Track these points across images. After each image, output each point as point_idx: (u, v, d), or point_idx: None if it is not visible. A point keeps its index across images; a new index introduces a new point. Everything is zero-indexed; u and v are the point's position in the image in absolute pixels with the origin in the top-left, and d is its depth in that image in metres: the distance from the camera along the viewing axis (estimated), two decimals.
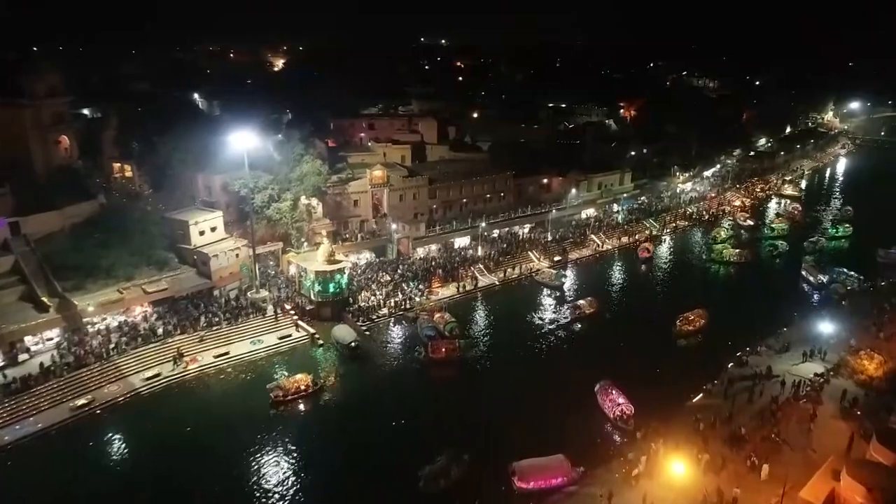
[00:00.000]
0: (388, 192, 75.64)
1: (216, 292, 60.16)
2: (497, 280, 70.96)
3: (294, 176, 66.38)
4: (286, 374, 50.70)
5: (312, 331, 57.51)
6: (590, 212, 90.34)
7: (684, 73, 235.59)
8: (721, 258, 78.18)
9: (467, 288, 68.06)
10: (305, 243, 66.82)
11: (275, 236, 66.82)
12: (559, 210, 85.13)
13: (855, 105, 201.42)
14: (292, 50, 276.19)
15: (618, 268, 78.47)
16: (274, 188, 64.14)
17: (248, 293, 61.18)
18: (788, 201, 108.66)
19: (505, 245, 78.23)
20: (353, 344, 54.57)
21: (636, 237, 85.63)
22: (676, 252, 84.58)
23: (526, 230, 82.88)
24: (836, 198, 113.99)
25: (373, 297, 63.45)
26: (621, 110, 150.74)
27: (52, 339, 50.61)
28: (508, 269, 72.87)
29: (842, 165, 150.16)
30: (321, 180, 68.52)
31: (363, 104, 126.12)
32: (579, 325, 60.63)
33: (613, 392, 45.68)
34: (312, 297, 60.90)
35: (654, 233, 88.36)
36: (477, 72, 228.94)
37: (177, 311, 56.64)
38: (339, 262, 62.29)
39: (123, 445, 43.01)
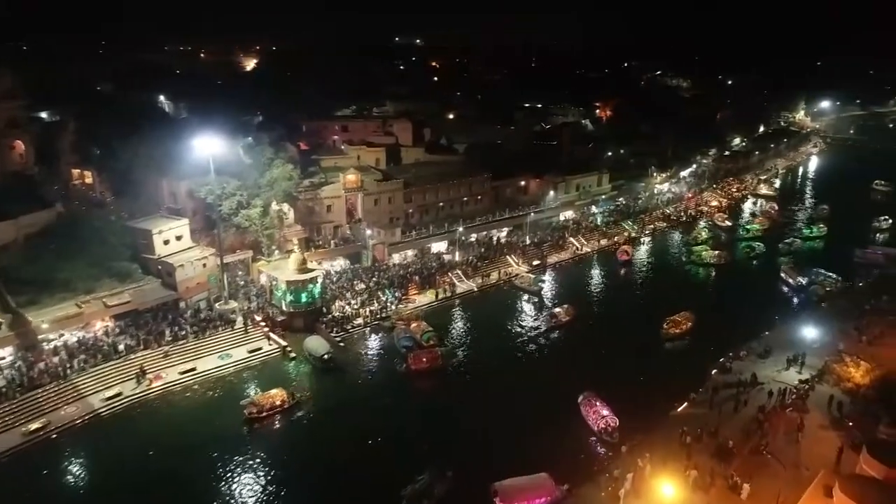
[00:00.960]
0: (363, 196, 73.52)
1: (182, 304, 57.46)
2: (475, 286, 69.30)
3: (264, 181, 63.91)
4: (258, 389, 48.56)
5: (284, 343, 55.17)
6: (568, 214, 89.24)
7: (658, 72, 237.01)
8: (700, 260, 77.60)
9: (445, 295, 66.24)
10: (276, 251, 64.40)
11: (244, 244, 64.29)
12: (537, 213, 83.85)
13: (825, 104, 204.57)
14: (265, 50, 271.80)
15: (597, 271, 77.36)
16: (242, 194, 61.59)
17: (217, 304, 58.62)
18: (764, 201, 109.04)
19: (483, 249, 76.67)
20: (326, 356, 52.42)
21: (615, 239, 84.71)
22: (655, 254, 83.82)
23: (504, 234, 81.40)
24: (810, 197, 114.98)
25: (347, 307, 61.31)
26: (597, 110, 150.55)
27: (3, 358, 47.55)
28: (487, 275, 71.27)
29: (814, 164, 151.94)
30: (292, 185, 66.14)
31: (336, 106, 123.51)
32: (556, 334, 58.99)
33: (597, 403, 44.30)
34: (284, 307, 58.50)
35: (633, 235, 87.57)
36: (452, 72, 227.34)
37: (140, 325, 53.85)
38: (312, 270, 59.98)
39: (81, 472, 40.33)
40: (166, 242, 58.33)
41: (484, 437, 42.27)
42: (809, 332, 52.44)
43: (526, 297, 68.51)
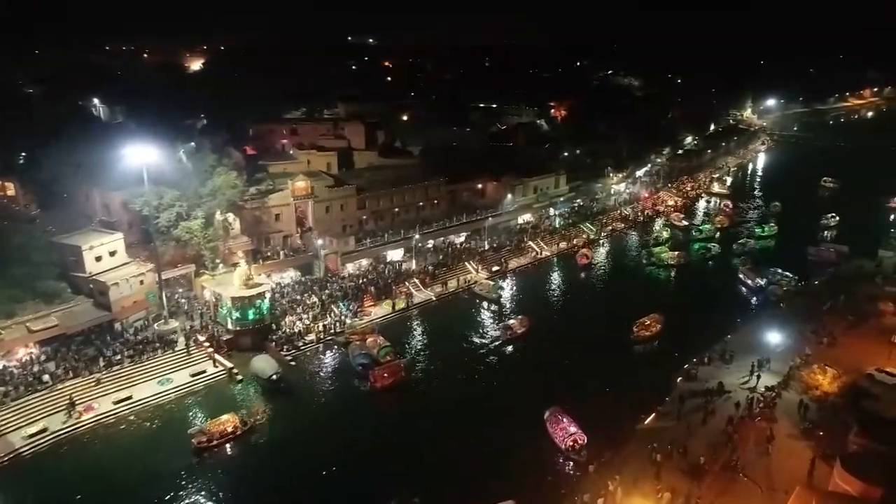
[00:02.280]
0: (313, 203, 70.07)
1: (118, 326, 53.19)
2: (433, 295, 66.80)
3: (205, 190, 60.01)
4: (204, 416, 45.27)
5: (230, 365, 51.51)
6: (526, 217, 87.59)
7: (609, 72, 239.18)
8: (660, 261, 76.95)
9: (402, 305, 63.50)
10: (221, 264, 60.43)
11: (186, 258, 60.09)
12: (495, 216, 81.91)
13: (771, 102, 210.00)
14: (213, 50, 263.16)
15: (557, 276, 75.86)
16: (182, 205, 57.50)
17: (156, 325, 54.49)
18: (718, 200, 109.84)
19: (441, 256, 74.21)
20: (274, 377, 49.10)
21: (574, 242, 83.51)
22: (615, 256, 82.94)
23: (462, 239, 79.10)
24: (761, 194, 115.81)
25: (298, 322, 57.95)
26: (552, 110, 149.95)
27: None
28: (445, 283, 68.91)
29: (763, 161, 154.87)
30: (237, 194, 62.41)
31: (286, 108, 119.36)
32: (516, 346, 56.77)
33: (564, 420, 42.47)
34: (230, 325, 54.81)
35: (592, 237, 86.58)
36: (406, 72, 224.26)
37: (69, 350, 49.38)
38: (259, 285, 56.40)
39: None
40: (98, 259, 53.89)
41: (449, 460, 40.14)
42: (772, 336, 51.89)
43: (486, 304, 66.43)
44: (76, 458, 41.16)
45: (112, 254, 55.00)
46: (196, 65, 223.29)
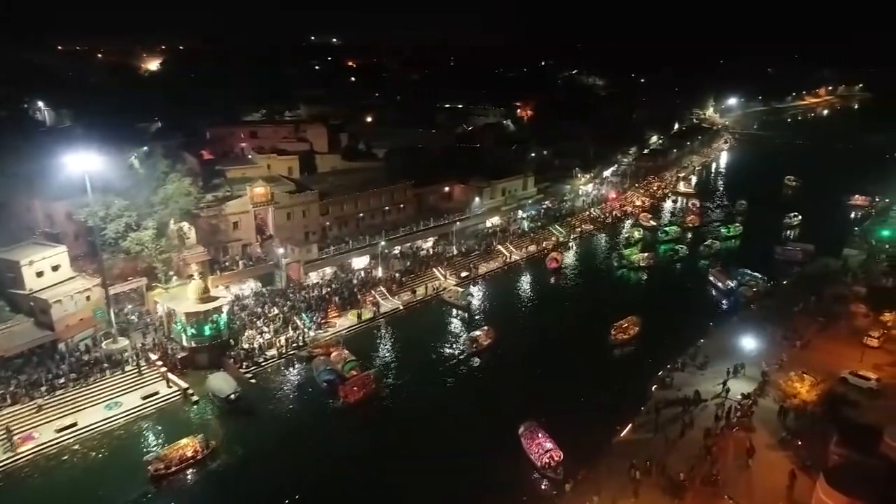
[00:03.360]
0: (274, 210, 67.10)
1: (62, 346, 49.61)
2: (401, 303, 64.57)
3: (157, 199, 56.65)
4: (158, 441, 42.57)
5: (185, 385, 48.44)
6: (495, 220, 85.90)
7: (574, 71, 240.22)
8: (631, 264, 76.06)
9: (368, 315, 61.10)
10: (175, 277, 57.19)
11: (137, 271, 56.65)
12: (463, 220, 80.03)
13: (732, 101, 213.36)
14: (172, 50, 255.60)
15: (527, 281, 74.32)
16: (131, 215, 54.10)
17: (104, 344, 51.03)
18: (685, 199, 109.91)
19: (408, 263, 71.95)
20: (232, 396, 46.30)
21: (544, 245, 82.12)
22: (585, 259, 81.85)
23: (429, 244, 76.96)
24: (725, 193, 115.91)
25: (259, 336, 55.01)
26: (518, 110, 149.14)
27: None
28: (413, 290, 66.76)
29: (726, 160, 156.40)
30: (191, 201, 59.17)
31: (245, 110, 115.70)
32: (482, 358, 54.52)
33: (540, 435, 40.79)
34: (184, 342, 51.68)
35: (562, 239, 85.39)
36: (370, 72, 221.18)
37: (7, 374, 45.70)
38: (216, 298, 53.36)
39: None
40: (39, 274, 50.27)
41: (422, 480, 37.93)
42: (745, 340, 51.07)
43: (455, 312, 64.51)
44: (13, 495, 37.80)
45: (55, 268, 51.35)
46: (153, 65, 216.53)
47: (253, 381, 50.58)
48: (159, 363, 50.18)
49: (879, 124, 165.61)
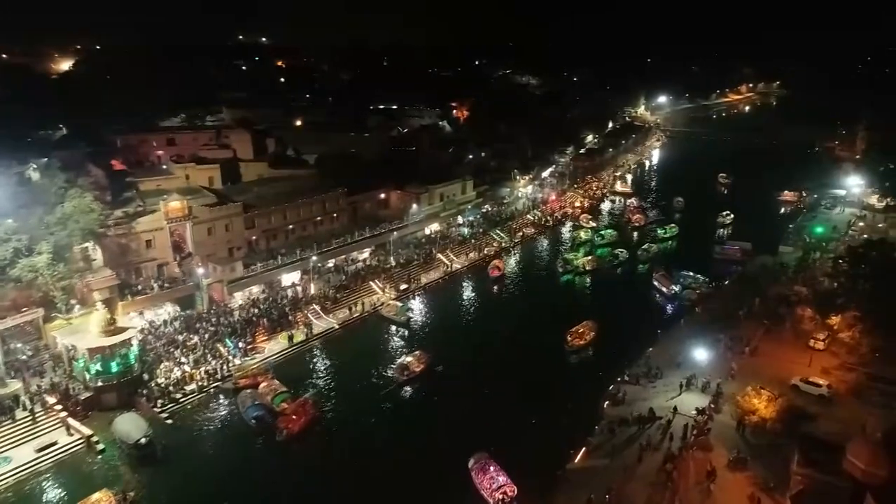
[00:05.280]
0: (192, 225, 61.27)
1: None
2: (336, 322, 60.18)
3: (53, 218, 50.19)
4: (64, 501, 37.20)
5: (88, 431, 42.57)
6: (434, 227, 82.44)
7: (507, 70, 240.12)
8: (575, 268, 74.12)
9: (300, 338, 56.44)
10: (78, 306, 50.80)
11: (31, 301, 49.87)
12: (401, 229, 76.08)
13: (662, 99, 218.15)
14: (86, 50, 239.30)
15: (470, 290, 71.22)
16: (21, 238, 47.54)
17: None
18: (622, 199, 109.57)
19: (343, 277, 67.48)
20: (142, 440, 40.91)
21: (486, 251, 79.23)
22: (528, 265, 79.63)
23: (365, 255, 72.68)
24: (661, 192, 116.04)
25: (177, 369, 49.45)
26: (454, 111, 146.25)
27: None
28: (349, 307, 62.49)
29: (660, 157, 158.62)
30: (94, 220, 52.82)
31: (163, 114, 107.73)
32: (427, 379, 50.81)
33: (491, 468, 37.74)
34: (89, 380, 45.70)
35: (504, 245, 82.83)
36: (300, 73, 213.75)
37: None
38: (124, 329, 47.56)
39: None
40: None
41: None
42: (693, 348, 49.52)
43: (395, 329, 60.67)
44: None
45: None
46: (65, 66, 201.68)
47: (169, 421, 45.19)
48: (58, 407, 44.02)
49: (798, 120, 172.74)
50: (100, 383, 45.59)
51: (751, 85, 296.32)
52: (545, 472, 38.75)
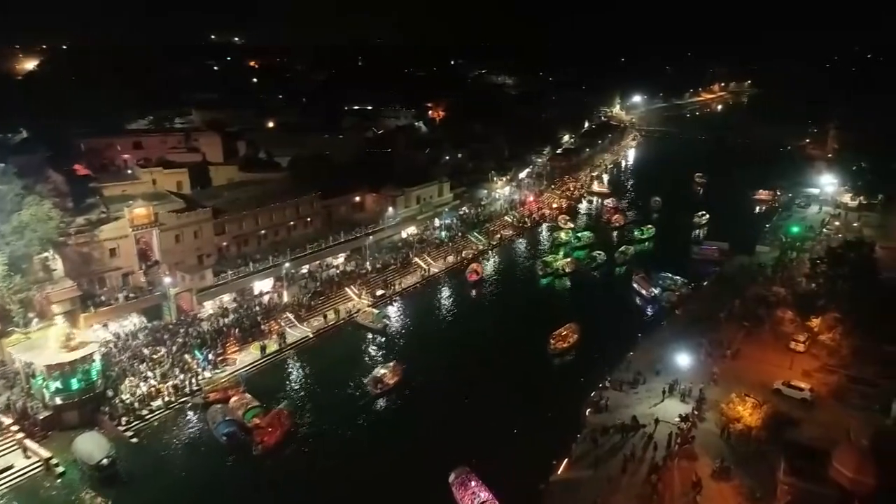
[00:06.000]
0: (159, 232, 58.96)
1: None
2: (311, 331, 58.39)
3: (8, 228, 47.71)
4: None
5: (47, 454, 40.31)
6: (410, 230, 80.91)
7: (483, 70, 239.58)
8: (555, 271, 73.22)
9: (274, 348, 54.59)
10: (36, 319, 48.28)
11: None
12: (376, 233, 74.47)
13: (636, 98, 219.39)
14: (54, 50, 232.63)
15: (448, 295, 69.85)
16: None
17: None
18: (599, 199, 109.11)
19: (318, 283, 65.64)
20: (105, 461, 38.80)
21: (464, 254, 78.04)
22: (507, 267, 78.51)
23: (341, 260, 70.90)
24: (638, 192, 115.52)
25: (143, 384, 47.27)
26: (429, 111, 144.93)
27: None
28: (324, 315, 60.69)
29: (636, 157, 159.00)
30: (52, 229, 50.36)
31: (130, 116, 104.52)
32: (405, 389, 49.38)
33: (473, 483, 36.52)
34: (48, 399, 43.38)
35: (482, 247, 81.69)
36: (273, 73, 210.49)
37: None
38: (86, 344, 45.27)
39: None
40: None
41: None
42: (675, 352, 48.92)
43: (371, 336, 59.12)
44: None
45: None
46: (30, 65, 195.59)
47: (134, 439, 43.09)
48: (14, 428, 41.66)
49: (769, 118, 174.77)
50: (59, 401, 43.23)
51: (723, 84, 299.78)
52: (528, 484, 37.71)
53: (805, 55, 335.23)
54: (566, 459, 39.88)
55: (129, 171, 71.44)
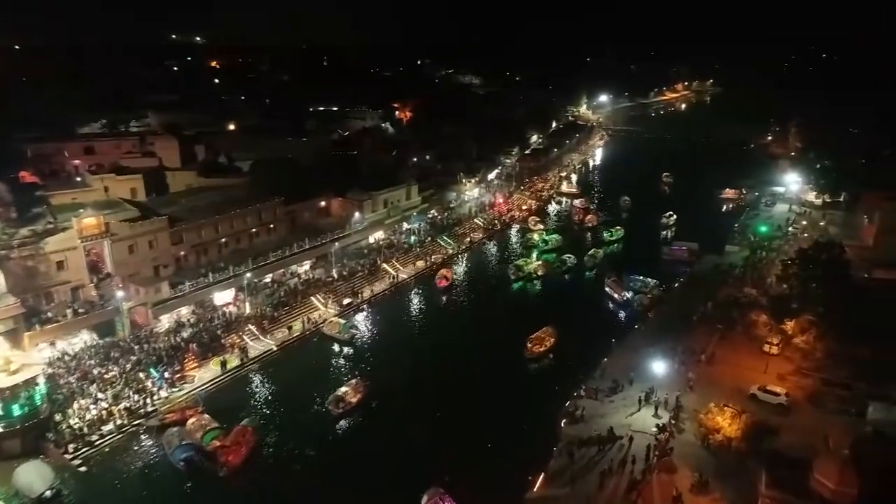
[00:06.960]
0: (111, 243, 55.74)
1: None
2: (275, 343, 55.96)
3: None
4: None
5: None
6: (378, 235, 78.75)
7: (450, 70, 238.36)
8: (527, 274, 71.92)
9: (235, 363, 52.04)
10: None
11: None
12: (343, 238, 72.10)
13: (603, 98, 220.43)
14: (4, 51, 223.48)
15: (418, 303, 67.98)
16: None
17: None
18: (569, 200, 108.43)
19: (282, 293, 63.12)
20: (47, 493, 36.28)
21: (433, 259, 76.24)
22: (477, 273, 76.91)
23: (306, 268, 68.43)
24: (607, 191, 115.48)
25: (93, 407, 44.36)
26: (396, 112, 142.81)
27: None
28: (289, 326, 58.35)
29: (603, 156, 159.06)
30: None
31: (82, 120, 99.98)
32: (374, 404, 47.53)
33: None
34: None
35: (452, 251, 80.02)
36: (236, 73, 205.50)
37: None
38: (30, 366, 42.23)
39: None
40: None
41: None
42: (649, 358, 47.94)
43: (338, 348, 57.00)
44: None
45: None
46: None
47: (83, 468, 40.27)
48: None
49: (732, 117, 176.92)
50: (0, 429, 40.18)
51: (686, 83, 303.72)
52: (504, 503, 36.26)
53: (763, 55, 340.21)
54: (542, 475, 38.44)
55: (80, 178, 68.09)
